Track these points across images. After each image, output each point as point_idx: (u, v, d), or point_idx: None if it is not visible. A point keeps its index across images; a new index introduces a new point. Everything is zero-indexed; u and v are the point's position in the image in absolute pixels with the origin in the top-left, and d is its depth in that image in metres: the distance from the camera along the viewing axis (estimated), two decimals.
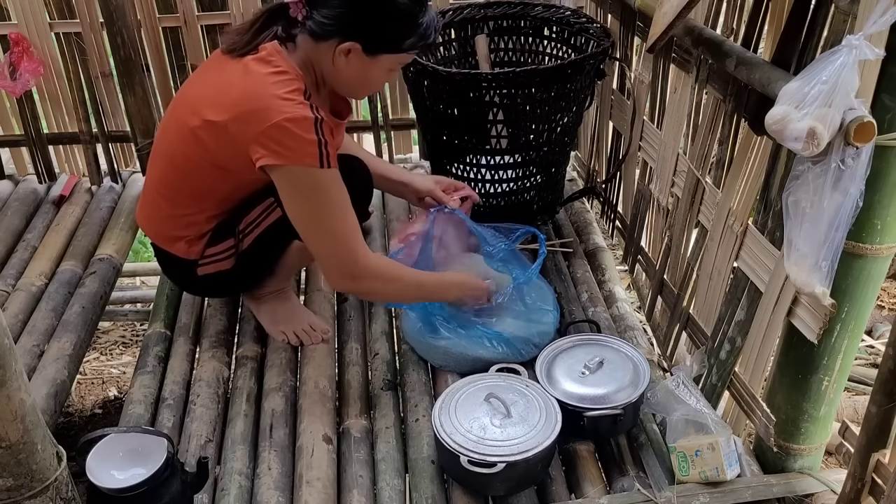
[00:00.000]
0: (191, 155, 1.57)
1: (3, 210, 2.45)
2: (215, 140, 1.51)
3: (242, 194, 1.64)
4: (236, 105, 1.47)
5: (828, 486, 1.47)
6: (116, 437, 1.39)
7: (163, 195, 1.68)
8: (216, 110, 1.49)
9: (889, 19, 1.04)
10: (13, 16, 2.39)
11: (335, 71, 1.53)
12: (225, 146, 1.51)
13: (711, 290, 1.70)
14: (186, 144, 1.56)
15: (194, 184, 1.62)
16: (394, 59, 1.55)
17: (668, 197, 1.91)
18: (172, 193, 1.66)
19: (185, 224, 1.67)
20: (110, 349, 3.01)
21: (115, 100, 2.53)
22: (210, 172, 1.58)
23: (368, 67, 1.53)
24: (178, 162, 1.61)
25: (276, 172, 1.47)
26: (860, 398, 2.32)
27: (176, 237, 1.69)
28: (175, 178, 1.64)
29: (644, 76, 1.98)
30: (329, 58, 1.51)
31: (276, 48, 1.51)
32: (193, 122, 1.53)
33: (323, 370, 1.77)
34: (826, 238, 1.19)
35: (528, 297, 1.81)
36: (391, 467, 1.54)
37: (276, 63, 1.49)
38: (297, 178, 1.47)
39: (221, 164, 1.55)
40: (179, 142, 1.58)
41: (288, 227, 1.59)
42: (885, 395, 1.17)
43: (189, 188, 1.63)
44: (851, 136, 1.11)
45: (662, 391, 1.57)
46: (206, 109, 1.51)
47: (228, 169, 1.56)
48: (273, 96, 1.44)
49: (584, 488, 1.50)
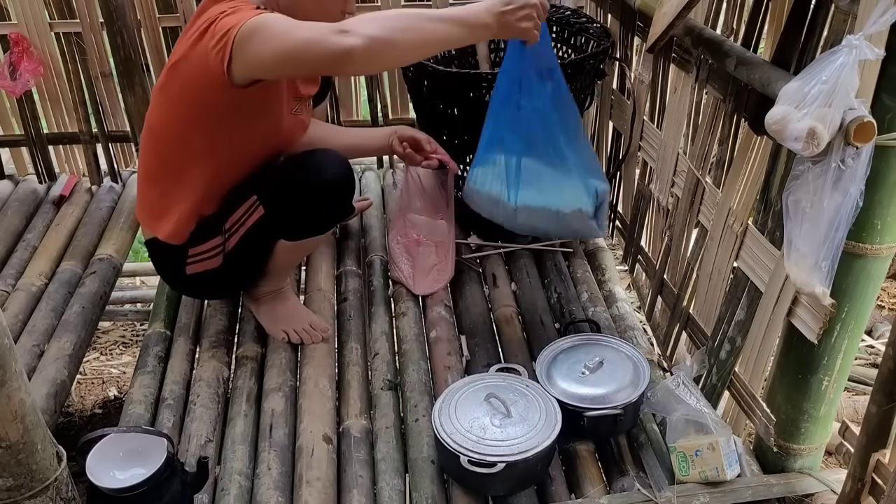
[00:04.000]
0: (163, 112, 1.60)
1: (3, 210, 2.45)
2: (180, 79, 1.53)
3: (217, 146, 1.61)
4: (188, 35, 1.50)
5: (828, 486, 1.47)
6: (116, 437, 1.39)
7: (147, 175, 1.70)
8: (175, 54, 1.55)
9: (889, 19, 1.04)
10: (13, 16, 2.39)
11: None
12: (190, 78, 1.51)
13: (711, 290, 1.70)
14: (157, 105, 1.62)
15: (171, 142, 1.62)
16: None
17: (668, 197, 1.91)
18: (151, 164, 1.68)
19: (168, 195, 1.66)
20: (110, 349, 3.01)
21: (115, 100, 2.53)
22: (183, 124, 1.58)
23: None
24: (155, 128, 1.64)
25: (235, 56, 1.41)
26: (860, 398, 2.32)
27: (162, 214, 1.68)
28: (154, 148, 1.66)
29: (644, 76, 1.98)
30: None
31: None
32: (160, 81, 1.58)
33: (323, 370, 1.77)
34: (826, 238, 1.19)
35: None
36: (391, 467, 1.54)
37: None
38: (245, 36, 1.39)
39: (192, 106, 1.54)
40: (154, 109, 1.63)
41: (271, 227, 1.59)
42: (885, 395, 1.17)
43: (167, 150, 1.64)
44: (851, 136, 1.11)
45: (662, 391, 1.57)
46: (169, 62, 1.56)
47: (200, 108, 1.54)
48: (219, 12, 1.45)
49: (584, 488, 1.50)
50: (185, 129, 1.59)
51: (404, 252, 2.06)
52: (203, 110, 1.55)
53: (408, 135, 1.95)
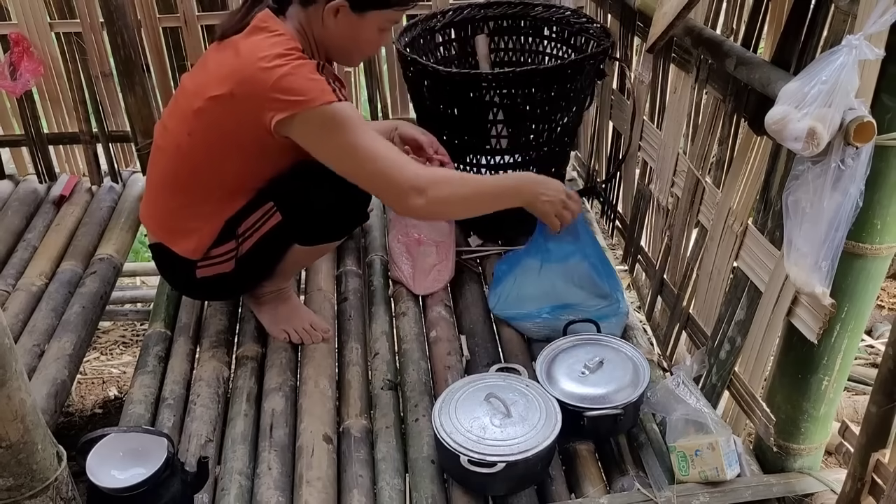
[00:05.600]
0: (196, 136, 1.56)
1: (4, 210, 2.45)
2: (222, 113, 1.50)
3: (251, 176, 1.62)
4: (238, 71, 1.47)
5: (828, 486, 1.47)
6: (116, 436, 1.39)
7: (169, 188, 1.66)
8: (218, 84, 1.49)
9: (889, 19, 1.04)
10: (13, 16, 2.39)
11: (326, 33, 1.54)
12: (233, 116, 1.49)
13: (711, 290, 1.70)
14: (191, 128, 1.56)
15: (202, 168, 1.59)
16: (382, 17, 1.56)
17: (668, 197, 1.91)
18: (178, 183, 1.64)
19: (191, 215, 1.64)
20: (110, 349, 3.01)
21: (115, 100, 2.53)
22: (218, 153, 1.56)
23: (358, 26, 1.54)
24: (185, 149, 1.59)
25: (295, 124, 1.44)
26: (860, 398, 2.32)
27: (181, 230, 1.66)
28: (182, 166, 1.62)
29: (644, 76, 1.98)
30: (319, 20, 1.53)
31: (268, 14, 1.53)
32: (196, 104, 1.53)
33: (323, 370, 1.77)
34: (826, 238, 1.19)
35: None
36: (391, 467, 1.54)
37: (272, 28, 1.50)
38: (317, 120, 1.44)
39: (230, 139, 1.53)
40: (184, 128, 1.57)
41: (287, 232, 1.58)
42: (885, 395, 1.17)
43: (197, 174, 1.61)
44: (851, 136, 1.11)
45: (662, 391, 1.57)
46: (208, 88, 1.51)
47: (238, 143, 1.54)
48: (274, 55, 1.44)
49: (584, 488, 1.50)
50: (219, 157, 1.57)
51: (405, 251, 2.06)
52: (240, 144, 1.54)
53: (409, 134, 1.95)
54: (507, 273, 1.95)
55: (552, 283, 1.85)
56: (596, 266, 1.87)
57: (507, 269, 1.96)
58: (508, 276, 1.94)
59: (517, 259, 1.93)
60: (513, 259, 1.97)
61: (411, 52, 2.01)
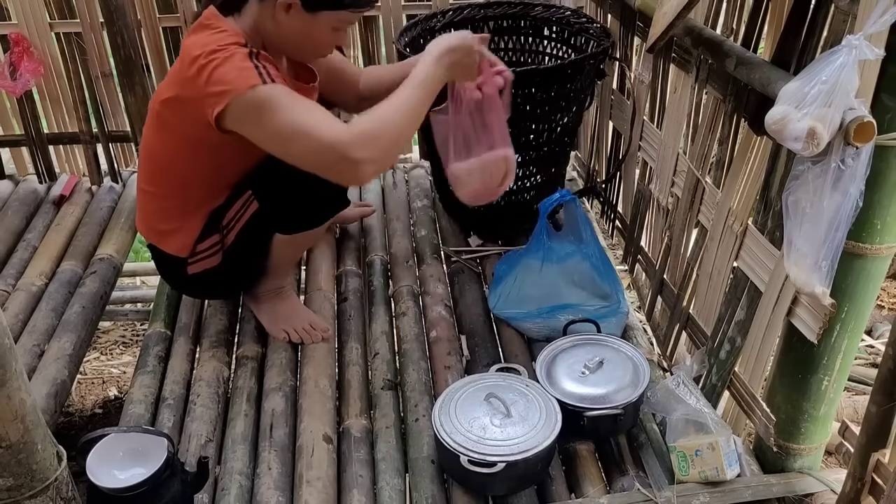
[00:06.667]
0: (161, 140, 1.61)
1: (4, 210, 2.45)
2: (173, 115, 1.55)
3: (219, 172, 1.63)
4: (179, 72, 1.51)
5: (828, 486, 1.47)
6: (116, 436, 1.39)
7: (148, 191, 1.71)
8: (167, 87, 1.55)
9: (889, 19, 1.04)
10: (13, 16, 2.39)
11: (278, 29, 1.54)
12: (183, 117, 1.52)
13: (711, 290, 1.70)
14: (156, 131, 1.62)
15: (171, 169, 1.64)
16: (335, 18, 1.54)
17: (668, 197, 1.91)
18: (155, 186, 1.69)
19: (172, 216, 1.69)
20: (110, 349, 3.01)
21: (115, 100, 2.53)
22: (182, 153, 1.60)
23: (310, 25, 1.53)
24: (155, 153, 1.65)
25: (228, 116, 1.42)
26: (860, 398, 2.32)
27: (165, 231, 1.70)
28: (155, 170, 1.67)
29: (644, 76, 1.98)
30: (271, 15, 1.52)
31: (212, 12, 1.54)
32: (155, 107, 1.59)
33: (323, 370, 1.77)
34: (826, 238, 1.19)
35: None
36: (391, 467, 1.54)
37: (214, 25, 1.51)
38: (246, 105, 1.41)
39: (189, 139, 1.56)
40: (151, 131, 1.64)
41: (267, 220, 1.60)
42: (885, 394, 1.17)
43: (168, 175, 1.66)
44: (851, 136, 1.11)
45: (662, 391, 1.57)
46: (161, 91, 1.58)
47: (195, 141, 1.55)
48: (209, 51, 1.44)
49: (584, 488, 1.50)
50: (184, 157, 1.61)
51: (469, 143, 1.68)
52: (199, 142, 1.55)
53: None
54: (507, 273, 1.95)
55: (552, 282, 1.85)
56: (596, 266, 1.87)
57: (507, 268, 1.96)
58: (508, 275, 1.94)
59: (517, 259, 1.93)
60: (513, 259, 1.97)
61: (411, 51, 2.01)
